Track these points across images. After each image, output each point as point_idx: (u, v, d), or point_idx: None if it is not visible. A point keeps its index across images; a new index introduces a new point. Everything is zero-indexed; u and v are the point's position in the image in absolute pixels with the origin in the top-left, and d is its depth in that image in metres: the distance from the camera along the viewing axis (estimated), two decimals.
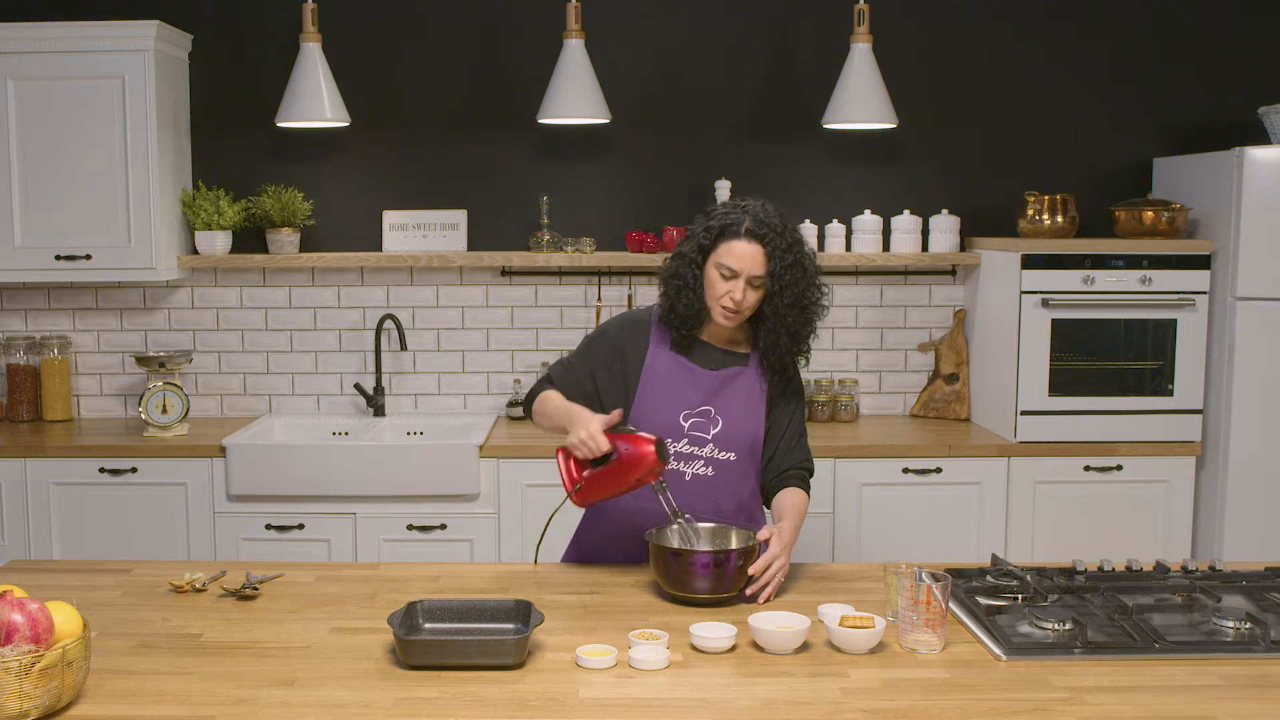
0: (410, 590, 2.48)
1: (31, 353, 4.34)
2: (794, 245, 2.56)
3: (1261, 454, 3.93)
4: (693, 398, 2.61)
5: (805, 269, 2.58)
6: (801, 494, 2.64)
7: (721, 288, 2.54)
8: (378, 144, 4.40)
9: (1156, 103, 4.43)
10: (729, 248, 2.54)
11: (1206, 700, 1.92)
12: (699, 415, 2.61)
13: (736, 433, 2.61)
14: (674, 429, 2.60)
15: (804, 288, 2.57)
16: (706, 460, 2.61)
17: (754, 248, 2.52)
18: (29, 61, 3.99)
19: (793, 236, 2.56)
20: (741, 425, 2.62)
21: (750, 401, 2.63)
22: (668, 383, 2.62)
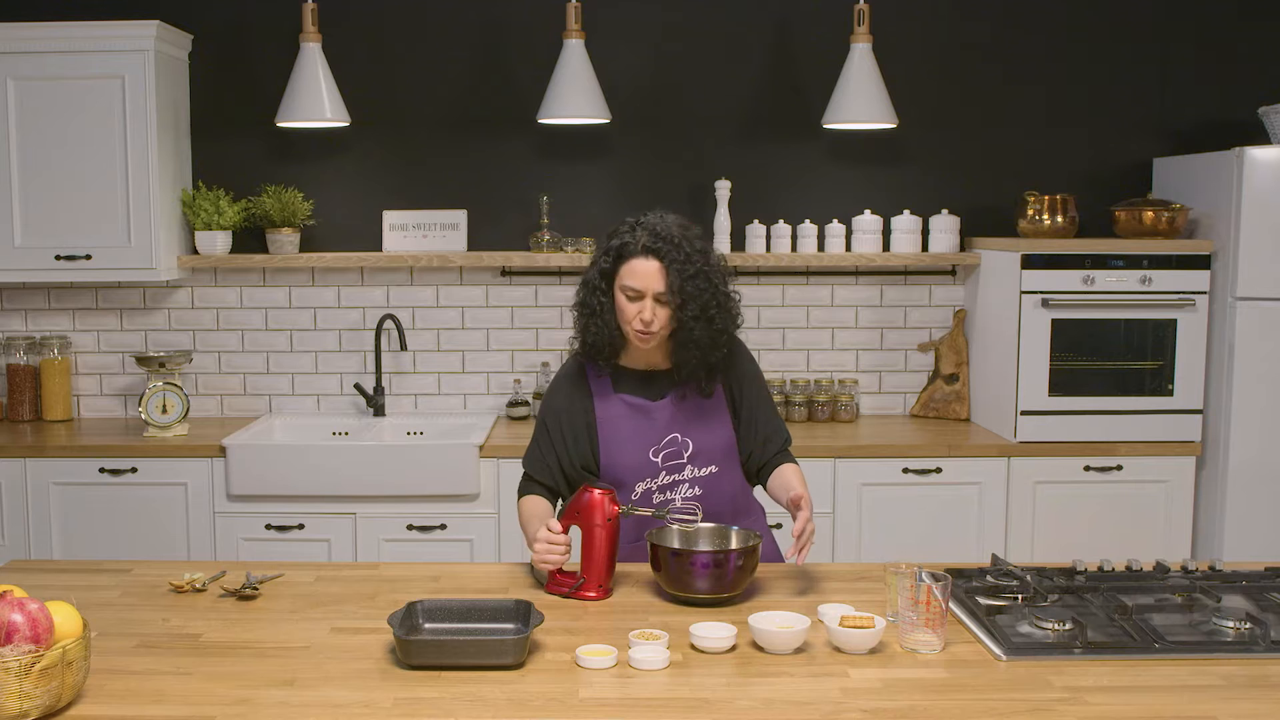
0: (410, 590, 2.48)
1: (31, 353, 4.34)
2: (694, 255, 2.49)
3: (1261, 454, 3.93)
4: (655, 433, 2.60)
5: (710, 279, 2.50)
6: (795, 467, 2.67)
7: (630, 310, 2.50)
8: (378, 144, 4.40)
9: (1156, 103, 4.43)
10: (629, 268, 2.49)
11: (1206, 700, 1.92)
12: (668, 446, 2.61)
13: (710, 448, 2.61)
14: (649, 468, 2.60)
15: (708, 298, 2.49)
16: (690, 481, 2.62)
17: (652, 264, 2.47)
18: (29, 61, 3.99)
19: (693, 246, 2.50)
20: (712, 439, 2.62)
21: (711, 413, 2.63)
22: (626, 428, 2.61)
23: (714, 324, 2.50)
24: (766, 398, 2.71)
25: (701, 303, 2.48)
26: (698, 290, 2.48)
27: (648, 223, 2.52)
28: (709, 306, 2.49)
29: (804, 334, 4.47)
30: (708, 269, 2.51)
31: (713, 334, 2.51)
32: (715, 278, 2.52)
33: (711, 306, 2.49)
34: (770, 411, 2.71)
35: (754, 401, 2.67)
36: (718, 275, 2.54)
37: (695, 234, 2.54)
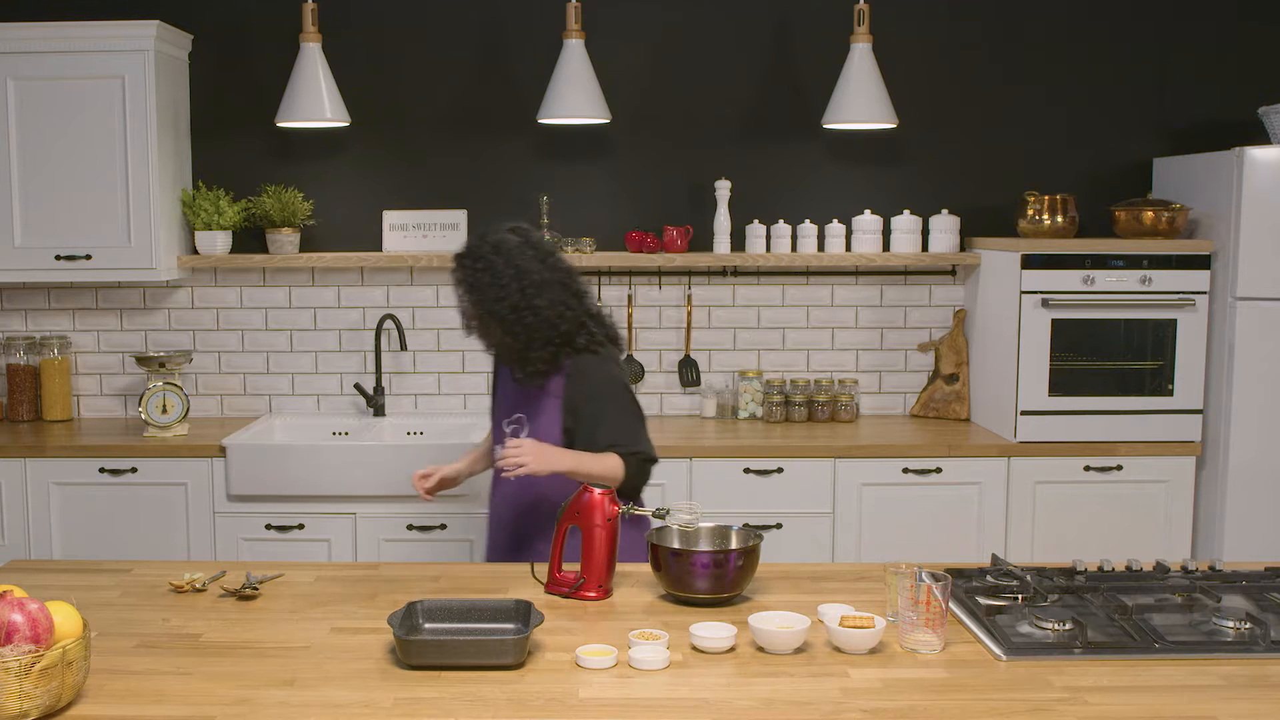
0: (410, 590, 2.48)
1: (31, 353, 4.34)
2: (484, 261, 2.76)
3: (1261, 454, 3.93)
4: (509, 406, 2.91)
5: (500, 283, 2.75)
6: (609, 456, 2.78)
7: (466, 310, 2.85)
8: (378, 144, 4.40)
9: (1156, 103, 4.43)
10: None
11: (1206, 700, 1.92)
12: (514, 422, 2.89)
13: (536, 437, 2.82)
14: (500, 433, 2.91)
15: (494, 299, 2.75)
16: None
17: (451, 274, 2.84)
18: (29, 61, 3.99)
19: (487, 255, 2.76)
20: (539, 431, 2.84)
21: (548, 410, 2.85)
22: (499, 393, 2.97)
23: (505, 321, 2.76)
24: (618, 403, 2.85)
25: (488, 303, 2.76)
26: (484, 296, 2.77)
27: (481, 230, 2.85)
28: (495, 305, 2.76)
29: (804, 334, 4.47)
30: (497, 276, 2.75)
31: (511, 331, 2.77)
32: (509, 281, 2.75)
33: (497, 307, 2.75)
34: (618, 416, 2.83)
35: (598, 413, 2.82)
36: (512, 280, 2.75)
37: (499, 242, 2.79)
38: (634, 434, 2.85)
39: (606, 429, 2.81)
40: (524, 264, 2.77)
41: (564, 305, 2.80)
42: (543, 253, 2.82)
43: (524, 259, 2.77)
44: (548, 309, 2.76)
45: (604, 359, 2.85)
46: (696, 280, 4.43)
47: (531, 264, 2.78)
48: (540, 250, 2.82)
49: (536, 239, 2.84)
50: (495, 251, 2.77)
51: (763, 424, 4.32)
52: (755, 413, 4.40)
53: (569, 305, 2.81)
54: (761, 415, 4.38)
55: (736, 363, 4.48)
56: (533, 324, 2.75)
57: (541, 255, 2.81)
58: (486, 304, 2.76)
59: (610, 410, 2.83)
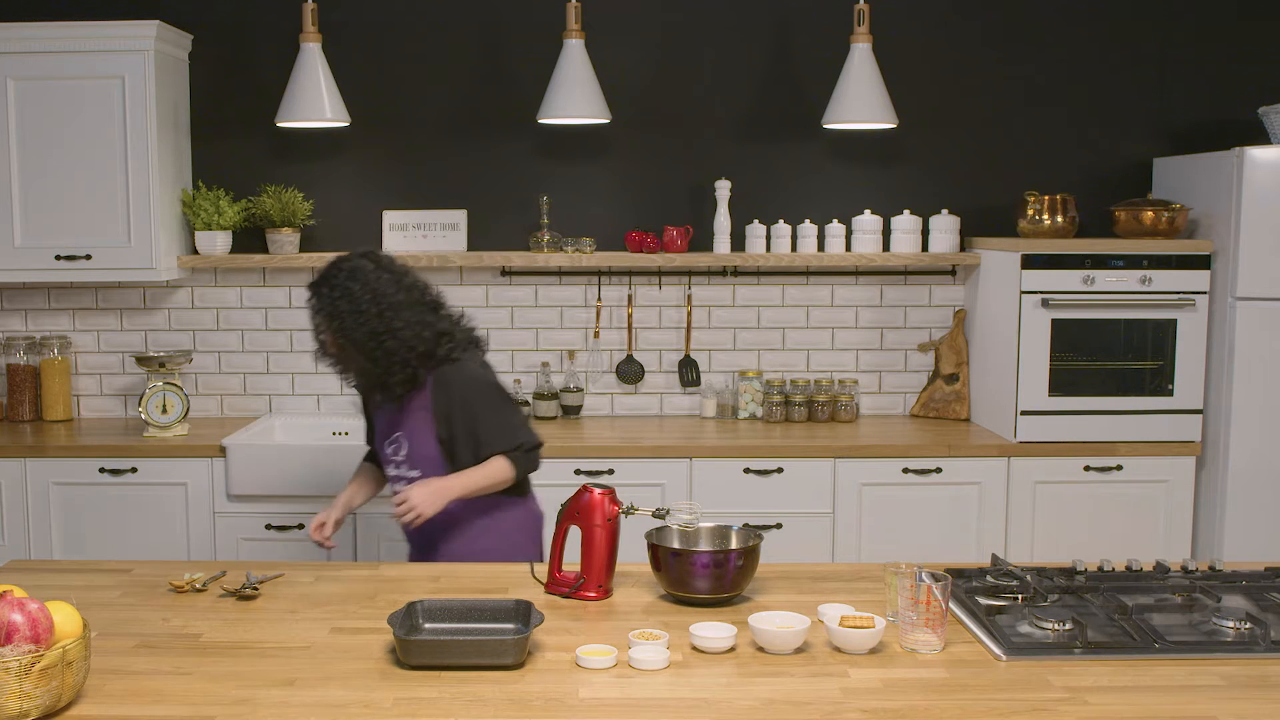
0: (410, 590, 2.48)
1: (31, 353, 4.34)
2: (341, 289, 2.81)
3: (1261, 454, 3.93)
4: (385, 428, 2.98)
5: (359, 309, 2.80)
6: (500, 460, 2.88)
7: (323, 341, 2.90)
8: (378, 144, 4.40)
9: (1156, 103, 4.43)
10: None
11: (1206, 700, 1.92)
12: (393, 442, 2.96)
13: (415, 454, 2.92)
14: (384, 454, 2.99)
15: (354, 325, 2.80)
16: (406, 479, 2.93)
17: (307, 304, 2.87)
18: (29, 61, 3.99)
19: (344, 282, 2.82)
20: (416, 447, 2.92)
21: (420, 425, 2.90)
22: (378, 416, 3.02)
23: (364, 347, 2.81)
24: (490, 404, 2.93)
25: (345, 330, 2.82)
26: (342, 324, 2.82)
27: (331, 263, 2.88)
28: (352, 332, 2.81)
29: (804, 334, 4.47)
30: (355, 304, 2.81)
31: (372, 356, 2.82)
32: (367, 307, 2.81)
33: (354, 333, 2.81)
34: (492, 417, 2.91)
35: (471, 411, 2.89)
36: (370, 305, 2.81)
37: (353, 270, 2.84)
38: (510, 430, 2.92)
39: (484, 434, 2.88)
40: (380, 288, 2.84)
41: (421, 324, 2.86)
42: (396, 274, 2.90)
43: (380, 283, 2.85)
44: (405, 329, 2.83)
45: (464, 364, 2.92)
46: (696, 280, 4.43)
47: (387, 287, 2.85)
48: (394, 272, 2.90)
49: (388, 262, 2.92)
50: (351, 278, 2.84)
51: (763, 424, 4.32)
52: (755, 413, 4.40)
53: (426, 322, 2.88)
54: (761, 415, 4.38)
55: (736, 363, 4.48)
56: (393, 347, 2.81)
57: (396, 276, 2.89)
58: (347, 331, 2.82)
59: (481, 413, 2.89)
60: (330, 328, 2.84)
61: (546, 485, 3.88)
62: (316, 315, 2.86)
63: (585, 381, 4.46)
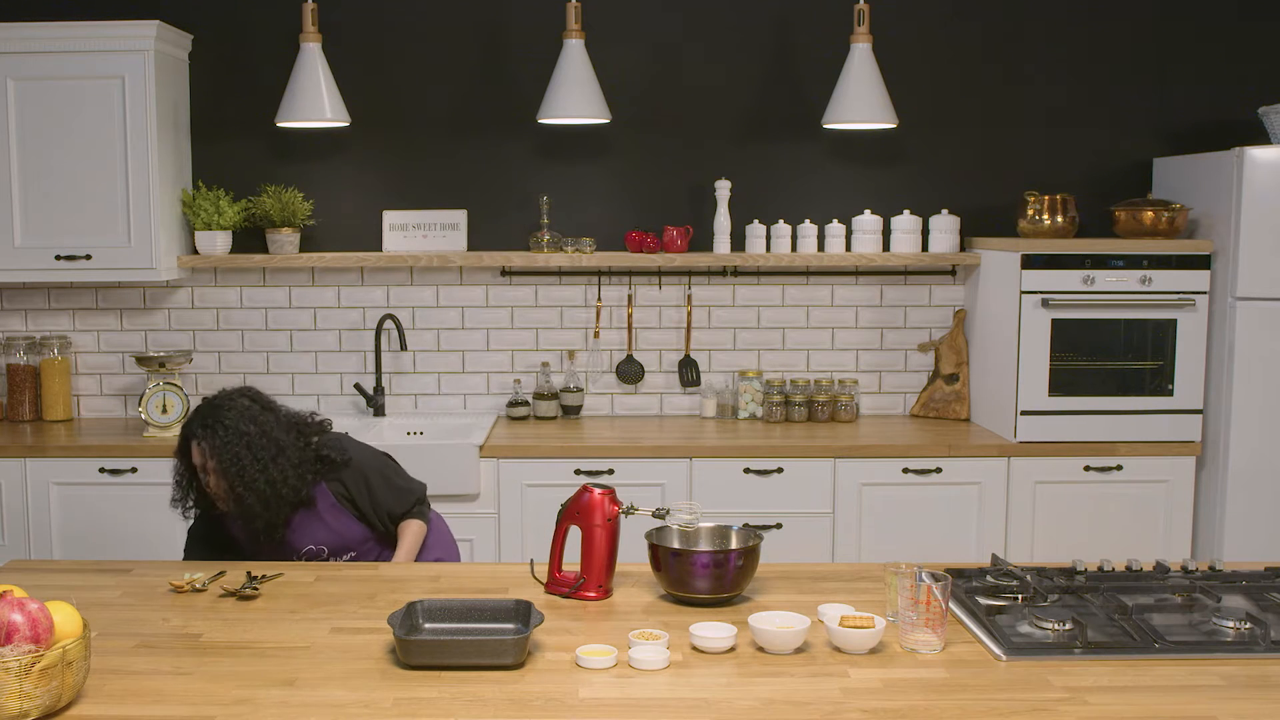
0: (410, 590, 2.48)
1: (31, 353, 4.34)
2: (237, 435, 2.74)
3: (1261, 454, 3.93)
4: (295, 545, 2.89)
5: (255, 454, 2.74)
6: (415, 522, 2.99)
7: (201, 479, 2.80)
8: (378, 144, 4.40)
9: (1156, 103, 4.43)
10: (191, 446, 2.78)
11: (1206, 700, 1.92)
12: (305, 554, 2.91)
13: (343, 543, 2.93)
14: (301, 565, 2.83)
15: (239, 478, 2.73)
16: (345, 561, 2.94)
17: (197, 445, 2.77)
18: (29, 61, 3.99)
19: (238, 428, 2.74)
20: (341, 539, 2.92)
21: (336, 516, 2.91)
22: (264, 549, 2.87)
23: (243, 500, 2.74)
24: (383, 479, 2.97)
25: (231, 481, 2.74)
26: (228, 470, 2.73)
27: (205, 406, 2.81)
28: (236, 485, 2.73)
29: (804, 334, 4.47)
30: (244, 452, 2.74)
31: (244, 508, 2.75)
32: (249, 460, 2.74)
33: (239, 485, 2.73)
34: (388, 490, 2.97)
35: (369, 492, 2.93)
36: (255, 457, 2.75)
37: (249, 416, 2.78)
38: (405, 493, 3.00)
39: (389, 506, 2.96)
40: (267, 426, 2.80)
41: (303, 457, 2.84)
42: (275, 410, 2.88)
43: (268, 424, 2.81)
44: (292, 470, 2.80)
45: (339, 455, 2.91)
46: (696, 280, 4.43)
47: (270, 421, 2.82)
48: (274, 409, 2.87)
49: (266, 399, 2.89)
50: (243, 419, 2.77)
51: (763, 424, 4.32)
52: (755, 413, 4.40)
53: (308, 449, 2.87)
54: (761, 415, 4.38)
55: (736, 363, 4.48)
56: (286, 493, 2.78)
57: (276, 414, 2.86)
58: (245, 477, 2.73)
59: (377, 489, 2.95)
60: (226, 472, 2.73)
61: (547, 485, 3.90)
62: (217, 461, 2.74)
63: (585, 381, 4.46)
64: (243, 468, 2.73)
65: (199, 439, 2.75)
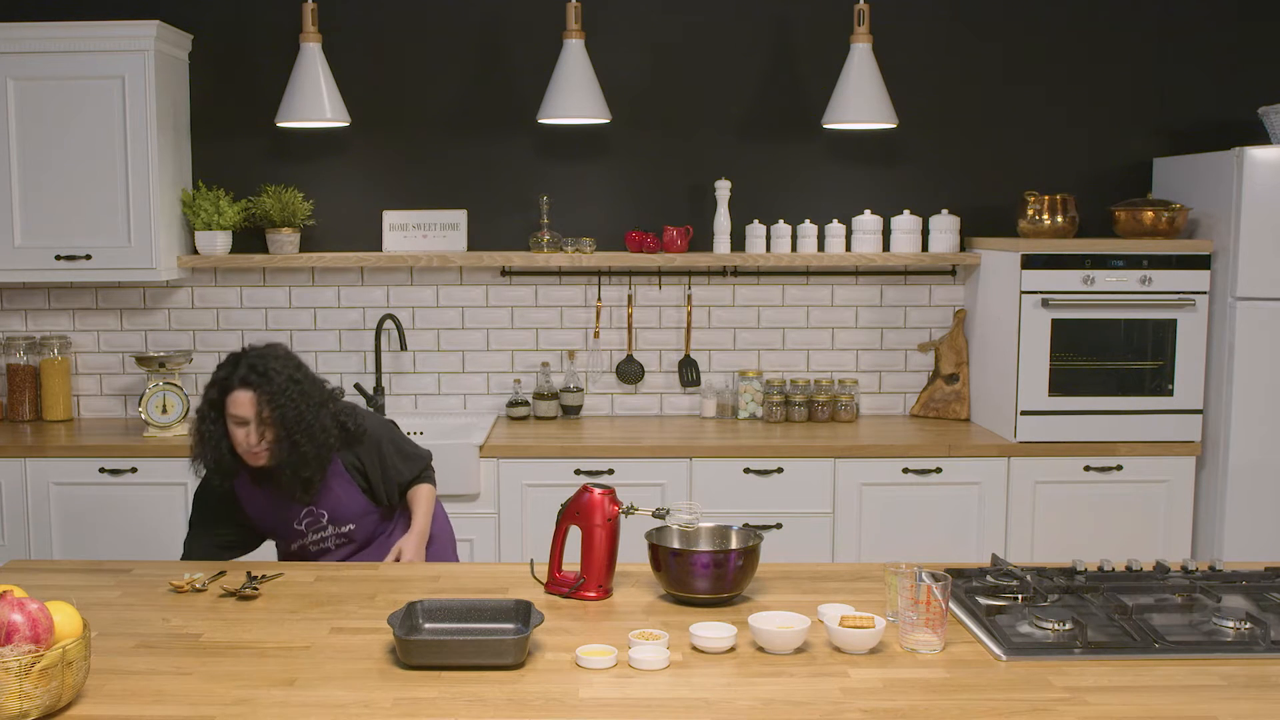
0: (410, 590, 2.48)
1: (31, 353, 4.34)
2: (288, 387, 2.76)
3: (1261, 454, 3.93)
4: (293, 512, 2.90)
5: (300, 408, 2.76)
6: (426, 486, 3.04)
7: (238, 434, 2.76)
8: (378, 144, 4.40)
9: (1156, 103, 4.43)
10: (232, 399, 2.75)
11: (1206, 700, 1.92)
12: (306, 517, 2.90)
13: (344, 512, 2.92)
14: (295, 533, 2.92)
15: (298, 426, 2.75)
16: (335, 535, 2.93)
17: (248, 395, 2.73)
18: (29, 61, 3.99)
19: (289, 378, 2.77)
20: (344, 507, 2.91)
21: (341, 486, 2.91)
22: (269, 510, 2.91)
23: (299, 448, 2.76)
24: (395, 447, 3.00)
25: (289, 430, 2.74)
26: (286, 419, 2.74)
27: (248, 356, 2.79)
28: (295, 433, 2.75)
29: (804, 334, 4.47)
30: (305, 394, 2.78)
31: (299, 457, 2.77)
32: (315, 398, 2.81)
33: (298, 434, 2.75)
34: (399, 457, 3.00)
35: (381, 461, 2.95)
36: (317, 395, 2.82)
37: (294, 364, 2.83)
38: (414, 459, 3.04)
39: (401, 473, 2.99)
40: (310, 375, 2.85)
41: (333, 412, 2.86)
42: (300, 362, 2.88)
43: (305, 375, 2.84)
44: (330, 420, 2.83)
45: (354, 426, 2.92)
46: (696, 280, 4.43)
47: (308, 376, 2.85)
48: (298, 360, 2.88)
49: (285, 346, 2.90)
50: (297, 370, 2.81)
51: (763, 424, 4.32)
52: (755, 413, 4.40)
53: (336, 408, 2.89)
54: (761, 415, 4.38)
55: (736, 363, 4.48)
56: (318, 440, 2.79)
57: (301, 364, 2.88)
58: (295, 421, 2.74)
59: (390, 455, 2.97)
60: (283, 420, 2.73)
61: (547, 485, 3.90)
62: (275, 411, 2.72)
63: (585, 381, 4.46)
64: (300, 414, 2.74)
65: (254, 387, 2.72)
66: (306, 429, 2.75)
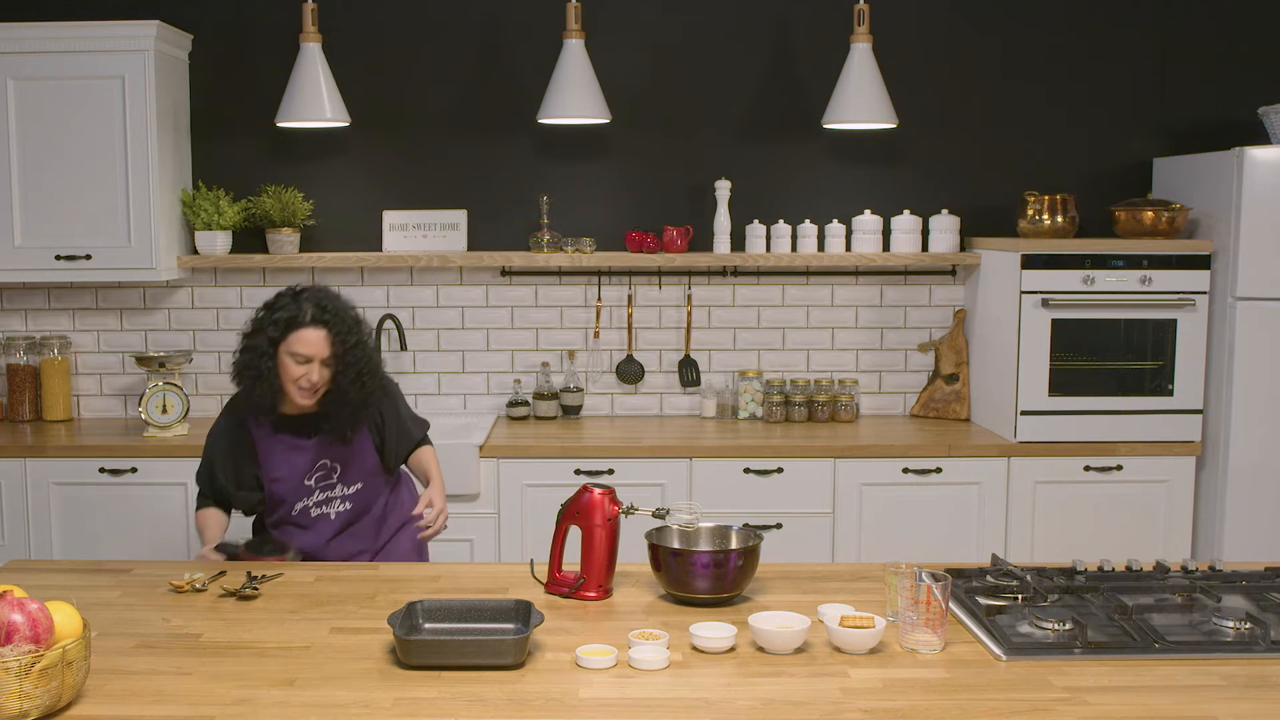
0: (410, 590, 2.48)
1: (31, 353, 4.34)
2: (354, 326, 2.84)
3: (1261, 454, 3.93)
4: (307, 462, 2.91)
5: (364, 347, 2.85)
6: (430, 448, 3.10)
7: (296, 371, 2.78)
8: (378, 144, 4.40)
9: (1156, 103, 4.43)
10: (298, 336, 2.77)
11: (1206, 700, 1.92)
12: (319, 470, 2.91)
13: (356, 469, 2.94)
14: (303, 490, 2.91)
15: (364, 364, 2.83)
16: (342, 498, 2.94)
17: (320, 333, 2.78)
18: (29, 61, 3.99)
19: (353, 318, 2.86)
20: (358, 463, 2.94)
21: (359, 440, 2.93)
22: (284, 461, 2.91)
23: (365, 387, 2.83)
24: (398, 413, 3.03)
25: (358, 368, 2.81)
26: (358, 358, 2.81)
27: (312, 295, 2.83)
28: (364, 372, 2.82)
29: (804, 334, 4.47)
30: (364, 340, 2.86)
31: (364, 394, 2.84)
32: (368, 346, 2.88)
33: (365, 372, 2.83)
34: (404, 421, 3.05)
35: (394, 422, 3.00)
36: (372, 344, 2.91)
37: (353, 308, 2.90)
38: (419, 419, 3.11)
39: (410, 431, 3.05)
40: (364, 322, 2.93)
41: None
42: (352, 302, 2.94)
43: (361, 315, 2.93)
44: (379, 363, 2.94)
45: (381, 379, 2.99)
46: (696, 280, 4.43)
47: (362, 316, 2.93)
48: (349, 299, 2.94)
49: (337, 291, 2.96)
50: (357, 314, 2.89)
51: (763, 424, 4.32)
52: (755, 413, 4.40)
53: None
54: (761, 415, 4.38)
55: (736, 363, 4.48)
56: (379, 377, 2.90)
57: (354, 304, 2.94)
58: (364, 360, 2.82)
59: (405, 414, 3.05)
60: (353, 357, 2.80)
61: (547, 485, 3.90)
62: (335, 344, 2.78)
63: (585, 381, 4.46)
64: (367, 353, 2.81)
65: (326, 326, 2.77)
66: (372, 368, 2.83)
